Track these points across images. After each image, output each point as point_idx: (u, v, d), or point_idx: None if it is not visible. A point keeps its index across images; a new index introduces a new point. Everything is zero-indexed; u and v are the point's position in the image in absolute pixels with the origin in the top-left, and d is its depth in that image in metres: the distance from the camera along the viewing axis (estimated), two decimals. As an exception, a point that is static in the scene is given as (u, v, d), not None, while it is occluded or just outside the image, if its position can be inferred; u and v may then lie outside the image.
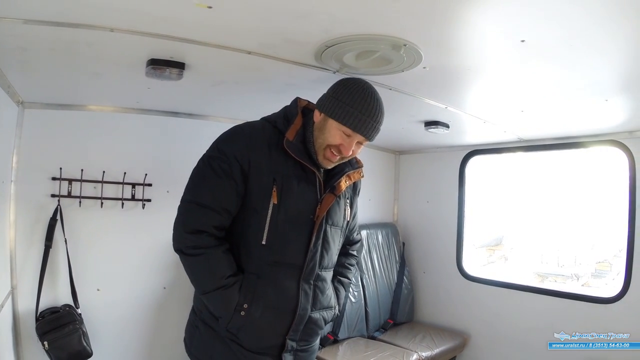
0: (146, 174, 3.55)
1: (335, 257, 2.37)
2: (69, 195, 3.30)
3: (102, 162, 3.44)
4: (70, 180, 3.31)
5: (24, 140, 3.19)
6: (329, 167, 2.18)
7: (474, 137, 4.41)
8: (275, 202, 2.05)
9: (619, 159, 3.80)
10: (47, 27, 1.93)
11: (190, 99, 3.35)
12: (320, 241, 2.19)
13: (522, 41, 1.99)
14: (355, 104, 2.01)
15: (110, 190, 3.47)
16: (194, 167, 2.16)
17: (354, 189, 2.51)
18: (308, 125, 2.14)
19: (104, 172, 3.41)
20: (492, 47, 2.15)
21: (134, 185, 3.54)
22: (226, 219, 2.09)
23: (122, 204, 3.50)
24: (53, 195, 3.25)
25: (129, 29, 1.99)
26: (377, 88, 2.62)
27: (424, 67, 2.35)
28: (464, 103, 3.20)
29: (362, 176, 2.44)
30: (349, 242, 2.57)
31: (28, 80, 2.82)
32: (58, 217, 3.23)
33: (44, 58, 2.38)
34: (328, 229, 2.22)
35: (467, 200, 4.99)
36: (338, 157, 2.11)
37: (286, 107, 2.23)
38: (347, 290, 2.56)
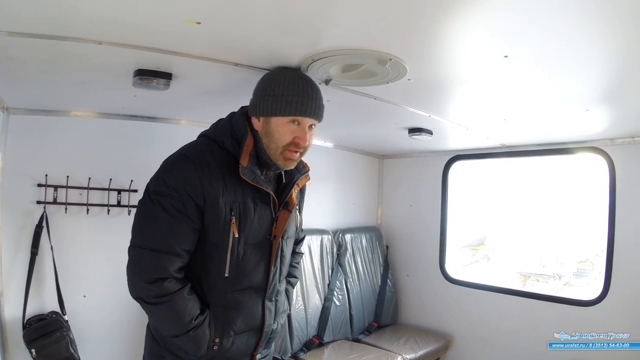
0: (132, 180, 3.54)
1: (288, 265, 2.33)
2: (55, 202, 3.29)
3: (87, 168, 3.42)
4: (55, 187, 3.29)
5: (9, 147, 3.17)
6: (293, 167, 2.08)
7: (457, 142, 4.47)
8: (236, 236, 1.95)
9: (599, 164, 3.88)
10: (35, 39, 1.93)
11: (176, 106, 3.36)
12: (279, 259, 2.15)
13: (505, 56, 2.03)
14: (289, 90, 1.94)
15: (96, 197, 3.47)
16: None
17: (301, 191, 2.38)
18: (257, 136, 2.02)
19: (89, 178, 3.40)
20: (476, 61, 2.19)
21: (119, 191, 3.54)
22: (186, 259, 1.95)
23: (108, 210, 3.50)
24: (39, 202, 3.24)
25: (116, 41, 1.99)
26: (362, 98, 2.68)
27: (409, 79, 2.37)
28: (447, 111, 3.25)
29: (309, 179, 2.30)
30: (296, 242, 2.48)
31: (14, 87, 2.81)
32: (44, 224, 3.22)
33: (30, 67, 2.39)
34: (284, 243, 2.17)
35: (451, 201, 5.04)
36: (298, 153, 2.00)
37: (231, 119, 2.08)
38: (294, 287, 2.55)
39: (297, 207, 2.26)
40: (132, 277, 1.94)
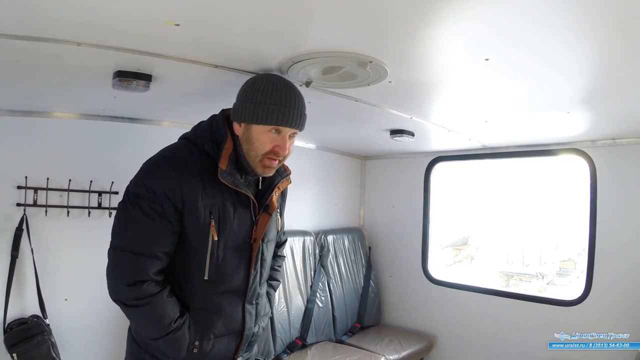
0: (113, 182, 3.51)
1: (269, 268, 2.34)
2: (35, 204, 3.25)
3: (68, 170, 3.38)
4: (36, 189, 3.25)
5: (-12, 148, 3.13)
6: (271, 174, 2.08)
7: (439, 144, 4.50)
8: (216, 239, 1.96)
9: (580, 165, 3.93)
10: (12, 40, 1.90)
11: (157, 107, 3.34)
12: (259, 262, 2.15)
13: (486, 59, 2.06)
14: (271, 98, 1.91)
15: (76, 199, 3.43)
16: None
17: (282, 195, 2.37)
18: (237, 141, 2.01)
19: (70, 180, 3.36)
20: (457, 64, 2.21)
21: (100, 193, 3.51)
22: (165, 262, 1.95)
23: (89, 212, 3.46)
24: (18, 204, 3.20)
25: (96, 43, 1.97)
26: (343, 100, 2.68)
27: (390, 82, 2.39)
28: (428, 113, 3.27)
29: (290, 182, 2.30)
30: (277, 245, 2.49)
31: (-9, 88, 2.77)
32: (24, 226, 3.18)
33: (8, 68, 2.35)
34: (264, 247, 2.17)
35: (434, 202, 5.07)
36: (277, 161, 2.00)
37: (212, 122, 2.07)
38: (276, 290, 2.54)
39: (278, 210, 2.27)
40: (111, 280, 1.94)
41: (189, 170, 1.92)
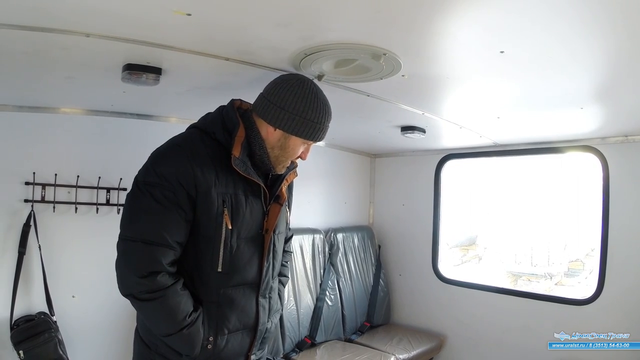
0: (121, 178, 3.49)
1: (280, 263, 2.30)
2: (43, 200, 3.23)
3: (76, 166, 3.37)
4: (43, 185, 3.23)
5: (-4, 144, 3.12)
6: (282, 172, 2.11)
7: (449, 141, 4.47)
8: (230, 227, 1.92)
9: (592, 163, 3.89)
10: (20, 31, 1.88)
11: (166, 102, 3.31)
12: (271, 254, 2.11)
13: (502, 52, 2.02)
14: (319, 117, 1.94)
15: (84, 195, 3.41)
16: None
17: (289, 189, 2.33)
18: (251, 132, 2.00)
19: (78, 176, 3.35)
20: (472, 57, 2.17)
21: (108, 189, 3.49)
22: (179, 252, 1.91)
23: (97, 209, 3.44)
24: (26, 201, 3.18)
25: (105, 34, 1.95)
26: (354, 95, 2.65)
27: (403, 75, 2.36)
28: (440, 109, 3.23)
29: (297, 175, 2.29)
30: (285, 240, 2.45)
31: (-1, 82, 2.76)
32: (32, 222, 3.16)
33: (16, 61, 2.32)
34: (276, 238, 2.14)
35: (443, 201, 5.03)
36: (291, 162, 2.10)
37: (222, 111, 2.04)
38: (285, 286, 2.50)
39: (286, 202, 2.24)
40: (122, 272, 1.87)
41: (201, 156, 1.89)
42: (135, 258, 1.85)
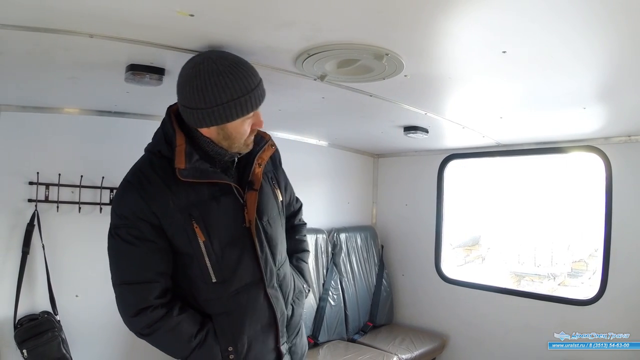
0: (124, 179, 3.48)
1: (284, 244, 2.21)
2: (47, 200, 3.25)
3: (79, 166, 3.38)
4: (47, 185, 3.25)
5: (0, 144, 3.13)
6: (251, 148, 1.97)
7: (452, 141, 4.46)
8: (204, 239, 1.86)
9: (595, 163, 3.88)
10: (24, 32, 1.89)
11: (169, 103, 3.29)
12: (264, 243, 2.01)
13: (504, 52, 2.02)
14: (236, 91, 1.74)
15: (88, 195, 3.42)
16: None
17: (273, 164, 2.24)
18: (195, 133, 1.89)
19: (81, 176, 3.36)
20: (474, 57, 2.17)
21: (112, 189, 3.48)
22: (165, 281, 1.89)
23: (101, 208, 3.45)
24: (30, 200, 3.20)
25: (108, 35, 1.95)
26: (357, 95, 2.65)
27: (405, 75, 2.36)
28: (443, 109, 3.23)
29: (274, 147, 2.16)
30: (292, 215, 2.43)
31: (3, 82, 2.76)
32: (35, 222, 3.18)
33: (20, 62, 2.34)
34: (266, 226, 2.03)
35: (446, 201, 5.03)
36: (254, 134, 1.93)
37: (163, 125, 1.96)
38: (307, 261, 2.45)
39: (273, 181, 2.18)
40: (121, 315, 1.90)
41: (151, 183, 1.84)
42: (124, 300, 1.87)
